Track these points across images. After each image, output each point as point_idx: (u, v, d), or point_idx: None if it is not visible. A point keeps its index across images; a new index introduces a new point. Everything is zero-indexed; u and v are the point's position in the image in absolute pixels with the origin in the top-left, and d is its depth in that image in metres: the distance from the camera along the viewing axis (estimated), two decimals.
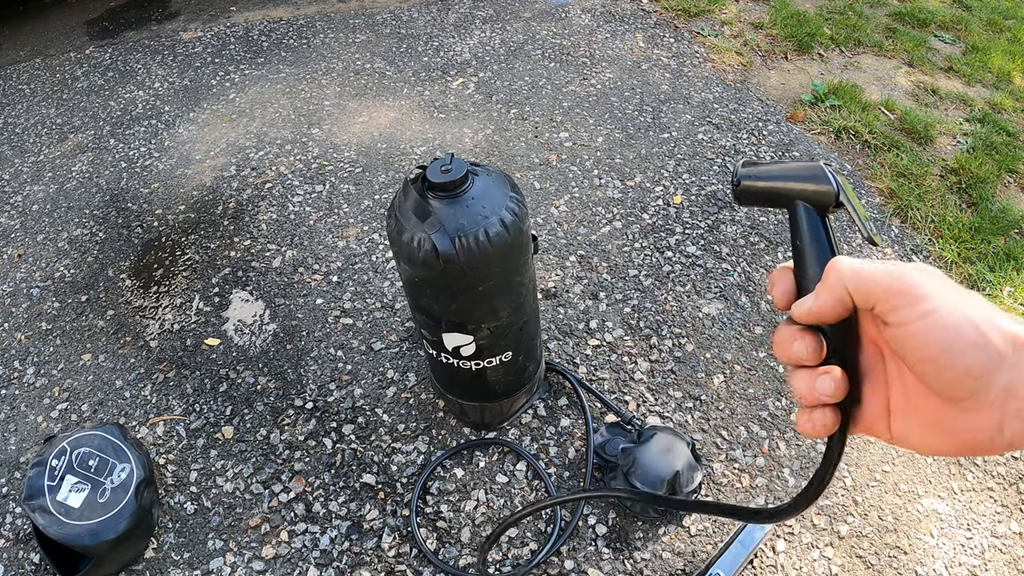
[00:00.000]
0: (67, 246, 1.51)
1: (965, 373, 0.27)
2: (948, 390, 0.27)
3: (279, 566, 0.96)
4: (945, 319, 0.27)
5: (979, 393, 0.27)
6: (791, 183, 0.35)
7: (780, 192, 0.36)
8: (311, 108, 1.87)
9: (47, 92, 2.05)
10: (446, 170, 0.78)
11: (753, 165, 0.37)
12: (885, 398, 0.31)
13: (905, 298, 0.28)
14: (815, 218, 0.34)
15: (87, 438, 0.99)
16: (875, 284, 0.28)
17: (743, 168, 0.37)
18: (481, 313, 0.86)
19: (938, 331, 0.27)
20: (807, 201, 0.35)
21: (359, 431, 1.11)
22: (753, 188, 0.37)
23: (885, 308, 0.28)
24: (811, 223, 0.34)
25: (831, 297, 0.30)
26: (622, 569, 0.94)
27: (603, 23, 2.20)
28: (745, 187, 0.37)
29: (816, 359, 0.31)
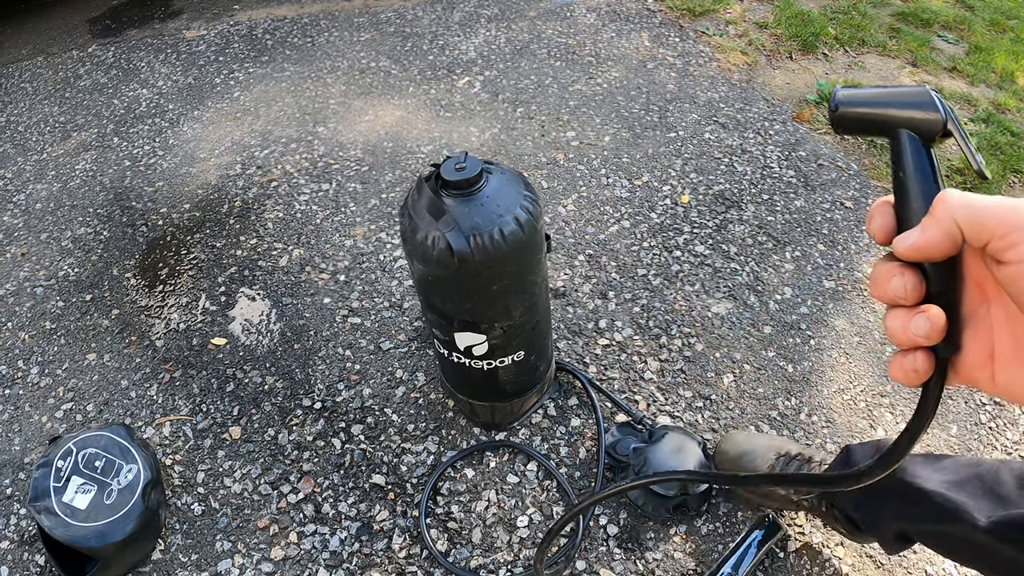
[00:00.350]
0: (71, 245, 1.50)
1: None
2: None
3: (288, 568, 0.95)
4: None
5: None
6: (895, 110, 0.32)
7: (883, 119, 0.33)
8: (316, 107, 1.87)
9: (50, 90, 2.04)
10: (460, 168, 0.77)
11: (852, 88, 0.34)
12: (989, 345, 0.28)
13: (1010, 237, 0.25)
14: (920, 148, 0.31)
15: (93, 438, 0.98)
16: (991, 217, 0.26)
17: (842, 91, 0.34)
18: (494, 312, 0.85)
19: None
20: (912, 129, 0.32)
21: (368, 431, 1.11)
22: (853, 114, 0.34)
23: (1001, 245, 0.26)
24: (916, 153, 0.31)
25: (939, 231, 0.28)
26: (633, 569, 0.93)
27: (608, 22, 2.20)
28: (844, 113, 0.34)
29: (916, 298, 0.29)
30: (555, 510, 1.00)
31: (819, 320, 1.27)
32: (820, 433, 1.09)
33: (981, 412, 1.13)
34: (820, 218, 1.49)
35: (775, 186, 1.57)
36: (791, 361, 1.20)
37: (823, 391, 1.15)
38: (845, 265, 1.39)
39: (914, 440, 0.31)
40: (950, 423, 1.11)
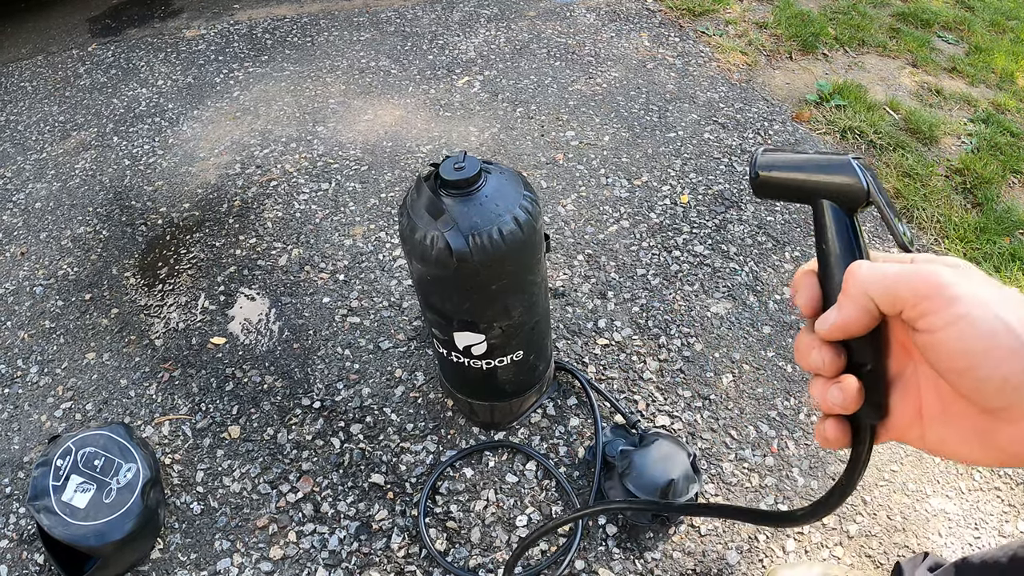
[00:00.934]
0: (70, 244, 1.50)
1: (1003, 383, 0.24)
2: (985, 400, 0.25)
3: (287, 567, 0.95)
4: (978, 324, 0.24)
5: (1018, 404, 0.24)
6: (816, 176, 0.31)
7: (803, 187, 0.32)
8: (316, 106, 1.87)
9: (49, 89, 2.04)
10: (459, 168, 0.77)
11: (775, 152, 0.33)
12: (917, 404, 0.28)
13: (934, 302, 0.25)
14: (843, 217, 0.31)
15: (92, 438, 0.98)
16: (901, 287, 0.26)
17: (763, 155, 0.33)
18: (494, 312, 0.86)
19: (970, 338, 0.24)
20: (833, 198, 0.31)
21: (367, 430, 1.11)
22: (773, 180, 0.33)
23: (913, 314, 0.26)
24: (838, 223, 0.31)
25: (854, 309, 0.28)
26: (632, 569, 0.93)
27: (608, 22, 2.20)
28: (765, 179, 0.33)
29: (834, 372, 0.29)
30: (554, 509, 1.00)
31: None
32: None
33: None
34: None
35: None
36: (790, 361, 1.20)
37: None
38: None
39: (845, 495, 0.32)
40: None
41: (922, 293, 0.25)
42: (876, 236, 1.44)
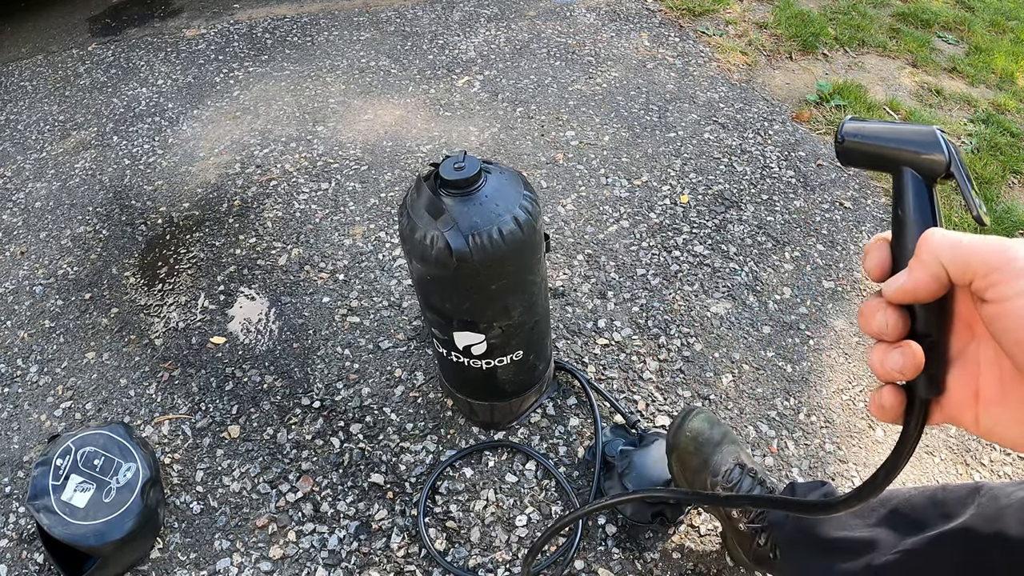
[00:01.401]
0: (70, 243, 1.50)
1: None
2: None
3: (287, 567, 0.95)
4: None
5: None
6: (900, 147, 0.32)
7: (887, 155, 0.33)
8: (316, 106, 1.87)
9: (49, 89, 2.04)
10: (459, 167, 0.77)
11: (860, 122, 0.34)
12: (975, 386, 0.28)
13: (1005, 272, 0.25)
14: (922, 187, 0.31)
15: (92, 437, 0.98)
16: (973, 256, 0.26)
17: (849, 123, 0.34)
18: (493, 312, 0.86)
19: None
20: (915, 168, 0.32)
21: (367, 430, 1.11)
22: (859, 148, 0.34)
23: (983, 284, 0.26)
24: (917, 192, 0.31)
25: (925, 273, 0.28)
26: (632, 569, 0.93)
27: (608, 22, 2.20)
28: (849, 145, 0.34)
29: (897, 335, 0.29)
30: (553, 509, 1.00)
31: (818, 320, 1.27)
32: (819, 433, 1.09)
33: None
34: (819, 218, 1.50)
35: (774, 186, 1.57)
36: (790, 361, 1.20)
37: (822, 391, 1.16)
38: (844, 265, 1.39)
39: (891, 476, 0.31)
40: None
41: (993, 264, 0.26)
42: None
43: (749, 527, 0.83)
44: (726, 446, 0.89)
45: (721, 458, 0.87)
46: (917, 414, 0.30)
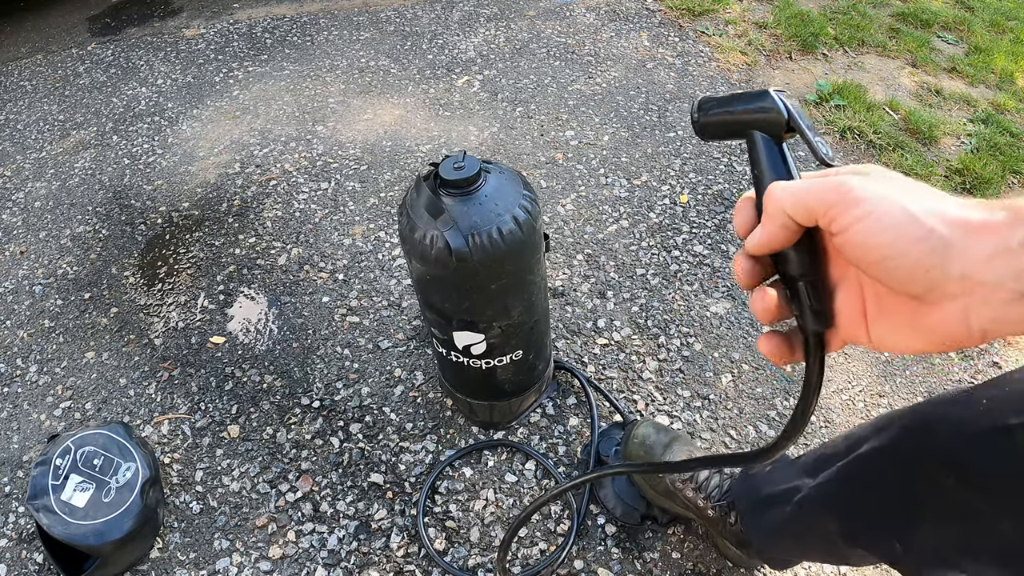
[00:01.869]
0: (70, 243, 1.50)
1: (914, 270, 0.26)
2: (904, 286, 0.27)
3: (286, 566, 0.95)
4: (884, 218, 0.26)
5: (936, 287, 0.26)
6: (743, 113, 0.36)
7: (734, 123, 0.36)
8: (315, 105, 1.87)
9: (49, 88, 2.04)
10: (459, 167, 0.77)
11: (709, 101, 0.38)
12: (861, 306, 0.31)
13: (841, 205, 0.27)
14: (771, 145, 0.34)
15: (91, 437, 0.98)
16: (811, 198, 0.28)
17: (699, 104, 0.38)
18: (493, 312, 0.86)
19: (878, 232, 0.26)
20: (761, 129, 0.35)
21: (366, 430, 1.11)
22: (711, 121, 0.38)
23: (826, 221, 0.28)
24: (767, 150, 0.34)
25: (774, 225, 0.30)
26: (632, 569, 0.93)
27: (608, 22, 2.20)
28: (703, 121, 0.38)
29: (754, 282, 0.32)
30: (553, 509, 1.00)
31: None
32: (819, 433, 1.09)
33: None
34: None
35: None
36: None
37: (822, 391, 1.15)
38: None
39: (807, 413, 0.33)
40: None
41: (830, 200, 0.28)
42: None
43: (716, 508, 0.85)
44: (676, 446, 0.91)
45: (672, 456, 0.90)
46: (814, 348, 0.32)
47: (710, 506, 0.85)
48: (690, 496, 0.87)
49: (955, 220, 0.26)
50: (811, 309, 0.31)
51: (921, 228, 0.26)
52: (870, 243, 0.27)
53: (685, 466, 0.44)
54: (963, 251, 0.25)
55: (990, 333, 0.26)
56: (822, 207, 0.28)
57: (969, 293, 0.26)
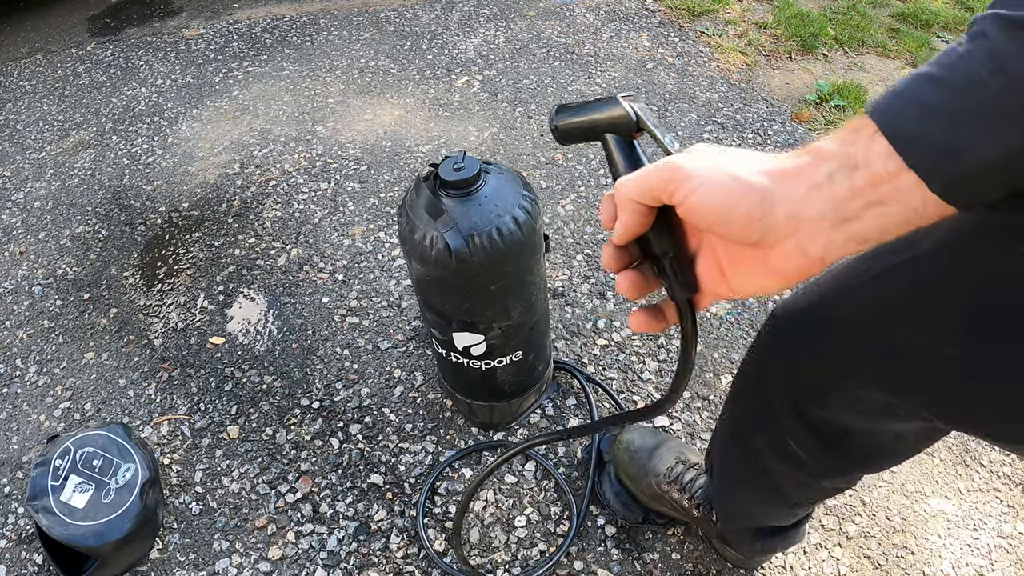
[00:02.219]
0: (69, 243, 1.50)
1: (747, 221, 0.30)
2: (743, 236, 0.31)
3: (286, 567, 0.95)
4: (712, 183, 0.30)
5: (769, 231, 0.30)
6: (595, 116, 0.39)
7: (589, 128, 0.40)
8: (315, 106, 1.86)
9: (48, 88, 2.04)
10: (459, 168, 0.77)
11: (565, 108, 0.42)
12: (718, 265, 0.34)
13: (675, 182, 0.31)
14: (623, 144, 0.38)
15: (91, 438, 0.98)
16: (650, 183, 0.32)
17: (556, 113, 0.42)
18: (493, 312, 0.85)
19: (710, 195, 0.30)
20: (613, 131, 0.39)
21: (366, 431, 1.11)
22: (567, 127, 0.42)
23: (667, 197, 0.32)
24: (620, 150, 0.38)
25: (627, 214, 0.33)
26: (631, 570, 0.93)
27: (608, 22, 2.20)
28: (562, 127, 0.42)
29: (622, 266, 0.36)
30: (552, 510, 1.00)
31: None
32: None
33: None
34: None
35: None
36: None
37: None
38: None
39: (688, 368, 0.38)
40: None
41: (666, 179, 0.31)
42: None
43: (700, 508, 0.86)
44: (663, 449, 0.92)
45: (659, 459, 0.90)
46: (685, 312, 0.36)
47: (695, 506, 0.86)
48: (676, 498, 0.88)
49: (772, 171, 0.30)
50: (677, 280, 0.35)
51: (744, 185, 0.30)
52: (706, 206, 0.30)
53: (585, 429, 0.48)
54: (784, 196, 0.29)
55: (826, 258, 0.30)
56: (660, 186, 0.32)
57: (798, 229, 0.29)
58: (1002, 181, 0.27)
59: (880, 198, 0.28)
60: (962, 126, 0.26)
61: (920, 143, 0.27)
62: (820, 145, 0.29)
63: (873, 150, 0.28)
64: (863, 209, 0.28)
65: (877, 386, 0.45)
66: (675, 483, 0.87)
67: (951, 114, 0.26)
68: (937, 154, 0.27)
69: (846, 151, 0.29)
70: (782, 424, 0.55)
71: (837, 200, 0.28)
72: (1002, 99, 0.25)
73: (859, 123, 0.29)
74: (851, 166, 0.28)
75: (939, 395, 0.42)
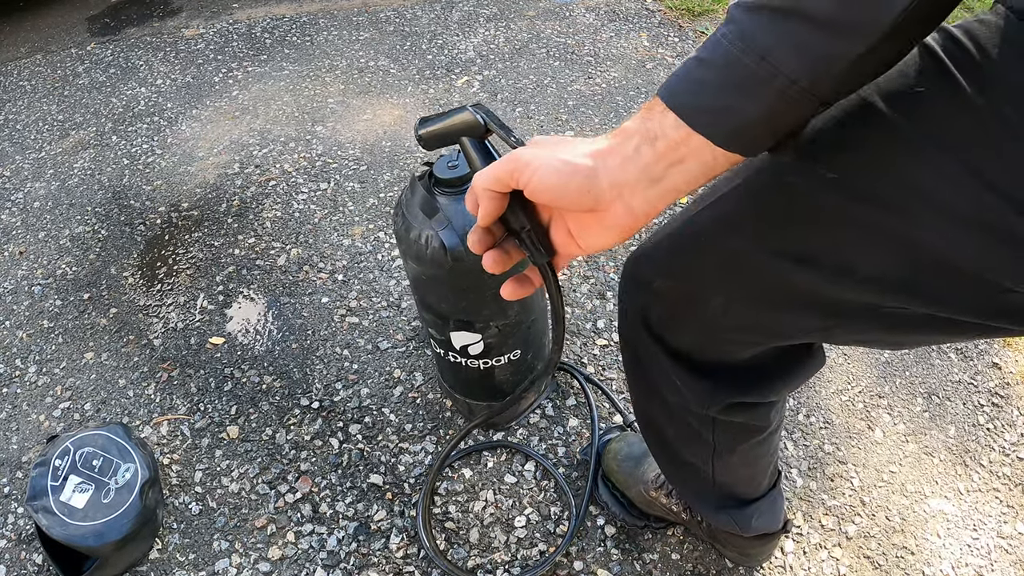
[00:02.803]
0: (69, 243, 1.50)
1: (579, 194, 0.36)
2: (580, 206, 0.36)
3: (286, 567, 0.95)
4: (546, 169, 0.36)
5: (599, 198, 0.36)
6: (451, 123, 0.48)
7: (446, 134, 0.49)
8: (315, 105, 1.86)
9: (48, 88, 2.04)
10: (453, 166, 0.77)
11: (426, 120, 0.51)
12: (566, 230, 0.40)
13: (517, 172, 0.36)
14: (477, 144, 0.46)
15: (91, 438, 0.98)
16: (498, 172, 0.37)
17: (419, 125, 0.51)
18: (489, 311, 0.85)
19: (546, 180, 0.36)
20: (467, 135, 0.46)
21: (366, 431, 1.11)
22: (429, 134, 0.50)
23: (515, 184, 0.37)
24: (476, 149, 0.45)
25: (485, 200, 0.38)
26: (631, 570, 0.93)
27: (607, 22, 2.20)
28: (425, 136, 0.51)
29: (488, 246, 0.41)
30: (552, 510, 1.00)
31: None
32: (818, 434, 1.09)
33: (979, 413, 1.13)
34: None
35: None
36: None
37: (821, 392, 1.15)
38: None
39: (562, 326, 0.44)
40: (948, 424, 1.11)
41: (509, 169, 0.37)
42: None
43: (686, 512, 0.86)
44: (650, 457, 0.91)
45: (648, 467, 0.91)
46: (547, 274, 0.42)
47: (683, 509, 0.87)
48: (664, 503, 0.88)
49: (592, 152, 0.36)
50: (535, 248, 0.40)
51: (572, 166, 0.35)
52: (545, 186, 0.36)
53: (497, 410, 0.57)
54: (604, 169, 0.35)
55: (650, 212, 0.36)
56: (507, 175, 0.37)
57: (621, 193, 0.36)
58: (769, 132, 0.34)
59: (680, 158, 0.35)
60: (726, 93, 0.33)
61: (699, 111, 0.34)
62: (626, 125, 0.36)
63: (666, 123, 0.34)
64: (667, 168, 0.35)
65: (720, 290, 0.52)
66: (662, 489, 0.88)
67: (717, 86, 0.33)
68: (712, 117, 0.33)
69: (646, 127, 0.35)
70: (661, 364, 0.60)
71: (646, 166, 0.35)
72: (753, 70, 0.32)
73: (652, 103, 0.36)
74: (652, 138, 0.35)
75: None
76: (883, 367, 1.20)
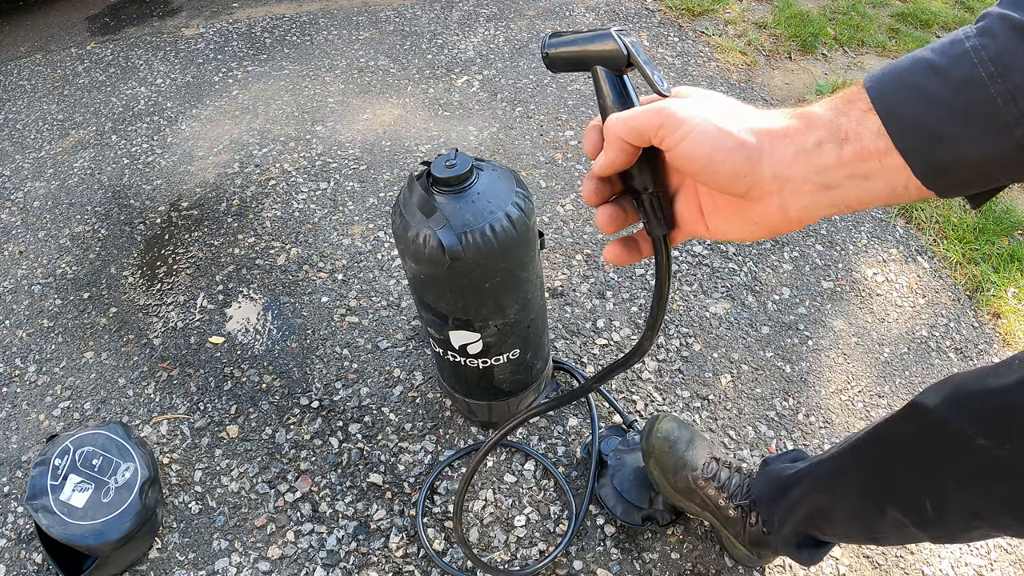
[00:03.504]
0: (69, 243, 1.50)
1: (732, 175, 0.31)
2: (728, 189, 0.32)
3: (285, 566, 0.95)
4: (702, 135, 0.31)
5: (754, 186, 0.31)
6: (587, 48, 0.39)
7: (580, 58, 0.40)
8: (315, 105, 1.87)
9: (48, 88, 2.04)
10: (451, 165, 0.77)
11: (558, 36, 0.41)
12: (697, 206, 0.36)
13: (666, 128, 0.32)
14: (614, 78, 0.38)
15: (90, 437, 0.98)
16: (641, 124, 0.33)
17: (549, 39, 0.42)
18: (488, 310, 0.85)
19: (698, 146, 0.31)
20: (603, 63, 0.38)
21: (365, 430, 1.11)
22: (559, 56, 0.41)
23: (657, 141, 0.33)
24: (611, 83, 0.38)
25: (613, 150, 0.34)
26: (631, 569, 0.93)
27: (607, 22, 2.20)
28: (552, 55, 0.41)
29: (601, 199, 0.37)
30: (552, 509, 1.00)
31: (817, 320, 1.27)
32: (818, 434, 1.09)
33: None
34: None
35: None
36: (789, 361, 1.20)
37: (821, 392, 1.15)
38: (843, 265, 1.39)
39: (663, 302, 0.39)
40: None
41: (656, 123, 0.32)
42: None
43: (737, 508, 0.84)
44: (697, 443, 0.91)
45: (695, 453, 0.89)
46: (660, 248, 0.37)
47: (732, 505, 0.84)
48: (712, 495, 0.86)
49: (761, 130, 0.31)
50: (655, 216, 0.36)
51: (734, 140, 0.31)
52: (694, 156, 0.31)
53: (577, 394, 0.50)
54: (771, 155, 0.30)
55: (804, 219, 0.31)
56: (651, 130, 0.32)
57: (782, 189, 0.31)
58: (979, 176, 0.28)
59: (865, 173, 0.29)
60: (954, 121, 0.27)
61: (912, 129, 0.28)
62: (812, 110, 0.30)
63: (865, 125, 0.29)
64: (846, 179, 0.30)
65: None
66: (712, 480, 0.86)
67: (946, 107, 0.27)
68: (926, 142, 0.27)
69: (838, 122, 0.29)
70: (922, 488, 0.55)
71: (823, 168, 0.30)
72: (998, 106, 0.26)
73: (854, 95, 0.29)
74: (841, 138, 0.29)
75: None
76: (883, 367, 1.20)
